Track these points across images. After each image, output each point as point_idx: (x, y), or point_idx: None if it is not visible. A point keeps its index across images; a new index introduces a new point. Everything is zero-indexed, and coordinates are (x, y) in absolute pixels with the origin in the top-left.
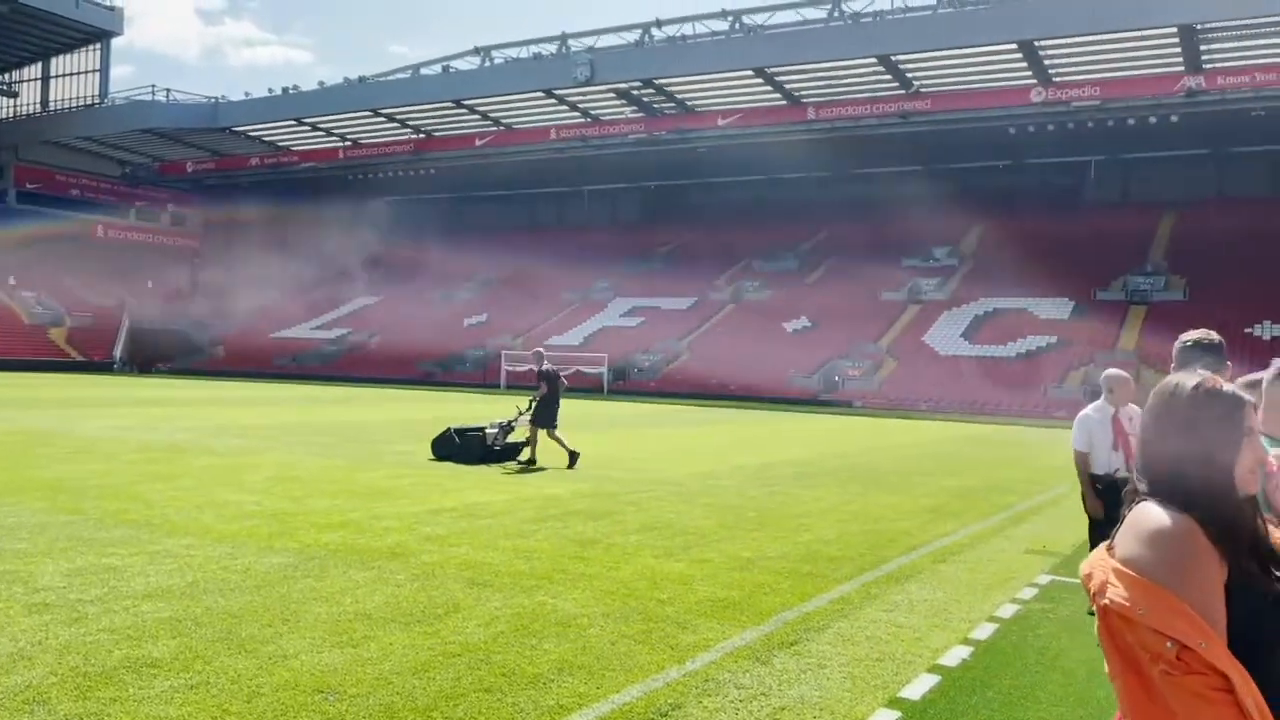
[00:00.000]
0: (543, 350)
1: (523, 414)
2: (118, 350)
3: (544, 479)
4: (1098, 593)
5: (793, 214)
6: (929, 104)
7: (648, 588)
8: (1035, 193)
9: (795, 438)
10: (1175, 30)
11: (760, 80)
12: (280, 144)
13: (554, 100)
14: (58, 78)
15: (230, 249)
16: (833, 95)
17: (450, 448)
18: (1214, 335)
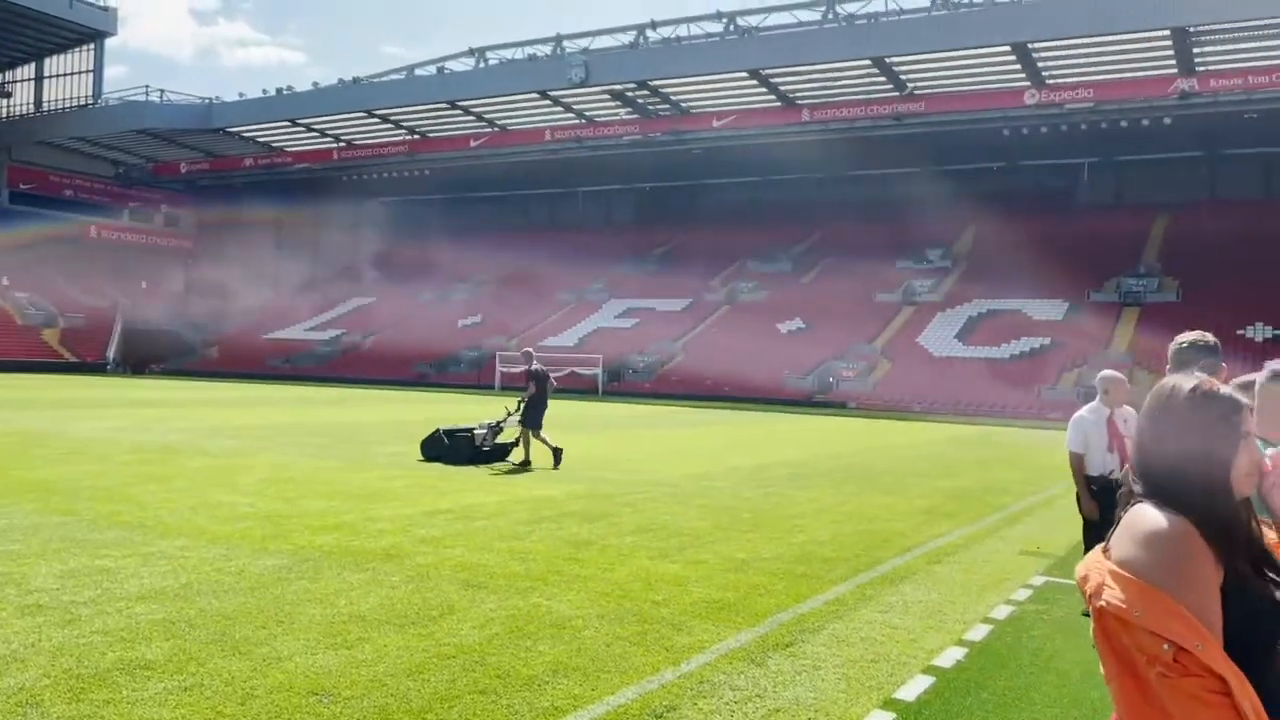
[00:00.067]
0: (532, 350)
1: (511, 415)
2: (111, 351)
3: (538, 480)
4: (1094, 595)
5: (787, 215)
6: (923, 106)
7: (643, 589)
8: (1029, 194)
9: (790, 439)
10: (1168, 33)
11: (755, 82)
12: (274, 145)
13: (549, 101)
14: (51, 78)
15: (224, 250)
16: (827, 97)
17: (439, 448)
18: (1209, 336)
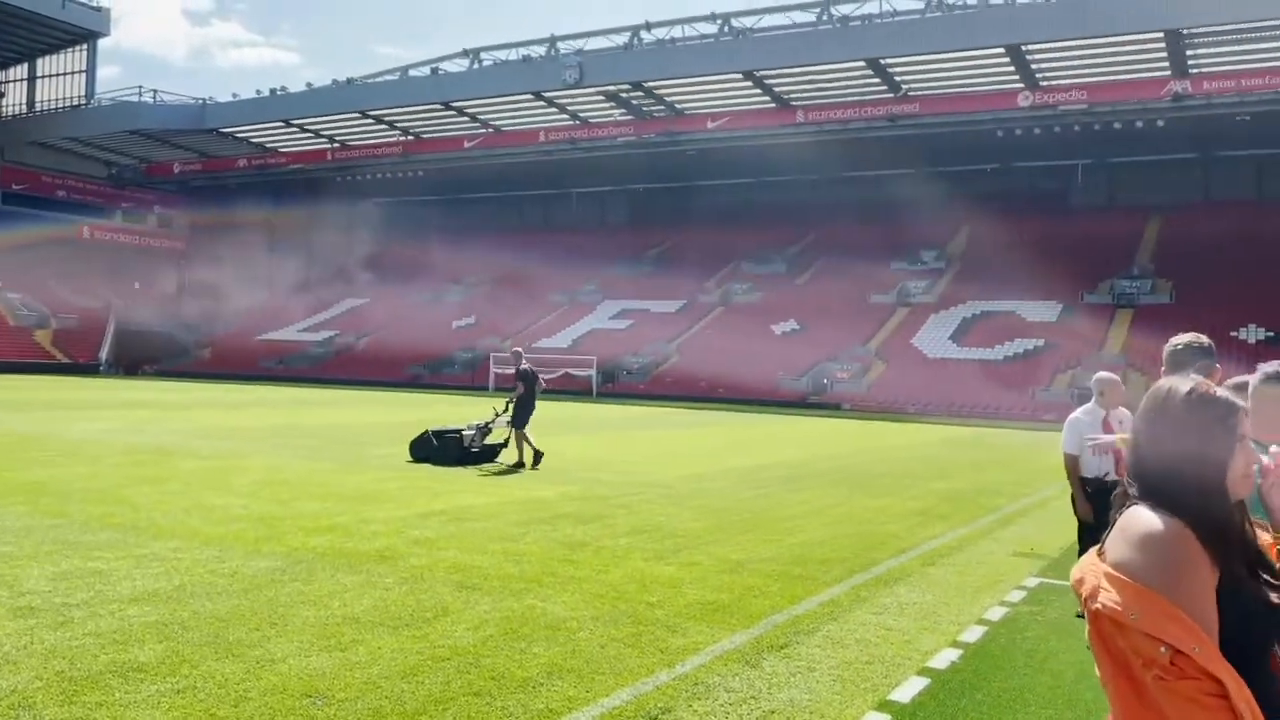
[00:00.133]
0: (520, 350)
1: (500, 415)
2: (104, 352)
3: (532, 482)
4: (1089, 597)
5: (782, 216)
6: (917, 107)
7: (637, 591)
8: (1023, 196)
9: (784, 440)
10: (1162, 35)
11: (749, 83)
12: (268, 145)
13: (543, 102)
14: (44, 78)
15: (217, 251)
16: (821, 98)
17: (428, 449)
18: (1204, 338)
